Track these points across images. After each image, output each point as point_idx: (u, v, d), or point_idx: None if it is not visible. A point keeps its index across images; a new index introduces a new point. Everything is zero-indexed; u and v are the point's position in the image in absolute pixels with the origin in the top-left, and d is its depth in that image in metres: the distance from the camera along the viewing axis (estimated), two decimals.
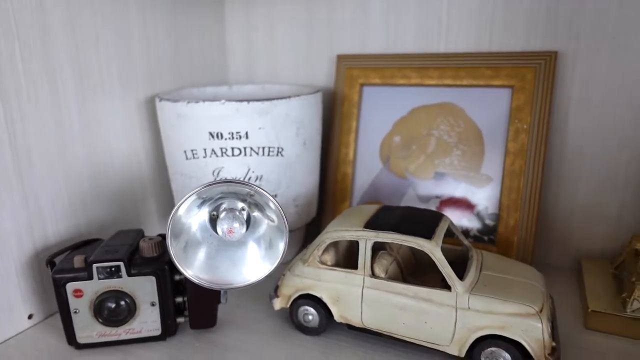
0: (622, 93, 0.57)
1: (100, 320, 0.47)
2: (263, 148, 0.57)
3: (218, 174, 0.57)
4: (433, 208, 0.64)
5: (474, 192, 0.62)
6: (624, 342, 0.48)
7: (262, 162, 0.57)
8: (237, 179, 0.55)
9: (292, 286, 0.50)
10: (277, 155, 0.58)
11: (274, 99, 0.56)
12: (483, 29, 0.62)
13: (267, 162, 0.57)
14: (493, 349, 0.42)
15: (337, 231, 0.48)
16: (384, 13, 0.68)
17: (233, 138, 0.56)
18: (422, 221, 0.48)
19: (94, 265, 0.46)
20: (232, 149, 0.56)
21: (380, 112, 0.68)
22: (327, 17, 0.71)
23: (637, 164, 0.58)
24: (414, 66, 0.65)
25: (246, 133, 0.56)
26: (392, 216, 0.49)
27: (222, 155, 0.56)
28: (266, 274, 0.42)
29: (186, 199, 0.41)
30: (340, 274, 0.48)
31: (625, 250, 0.57)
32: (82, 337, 0.47)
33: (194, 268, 0.42)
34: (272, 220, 0.43)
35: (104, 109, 0.59)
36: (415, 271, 0.53)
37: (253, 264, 0.43)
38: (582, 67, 0.58)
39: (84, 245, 0.52)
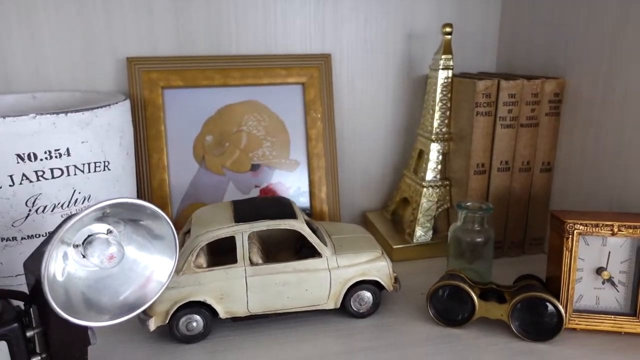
0: (376, 84, 0.76)
1: None
2: (88, 164, 0.50)
3: (34, 203, 0.48)
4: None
5: (287, 176, 0.71)
6: (417, 262, 0.67)
7: (88, 180, 0.51)
8: (72, 206, 0.48)
9: (169, 300, 0.48)
10: (104, 169, 0.52)
11: (94, 107, 0.50)
12: (269, 36, 0.71)
13: (95, 179, 0.51)
14: (358, 292, 0.53)
15: (209, 232, 0.49)
16: (172, 15, 0.68)
17: (51, 157, 0.47)
18: (279, 206, 0.54)
19: None
20: (51, 170, 0.48)
21: (187, 114, 0.68)
22: (106, 17, 0.66)
23: (392, 139, 0.79)
24: (216, 67, 0.68)
25: (67, 149, 0.48)
26: (251, 207, 0.53)
27: (38, 180, 0.47)
28: (175, 261, 0.40)
29: (47, 258, 0.35)
30: (221, 272, 0.49)
31: (394, 201, 0.78)
32: None
33: (104, 312, 0.37)
34: (141, 219, 0.41)
35: None
36: (269, 252, 0.59)
37: (154, 265, 0.40)
38: (346, 65, 0.75)
39: None
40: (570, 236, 0.49)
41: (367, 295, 0.53)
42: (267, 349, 0.49)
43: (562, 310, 0.48)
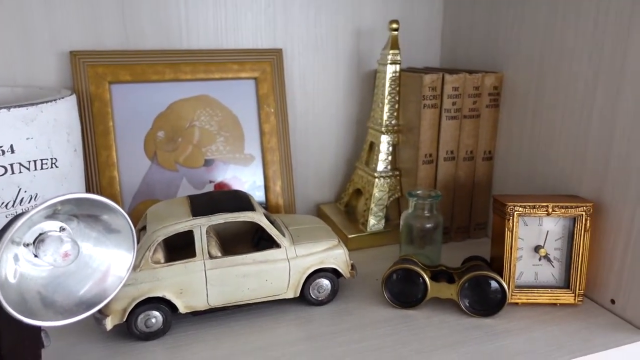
0: (327, 79, 0.78)
1: None
2: (34, 161, 0.48)
3: None
4: None
5: (241, 170, 0.72)
6: (371, 250, 0.70)
7: (35, 178, 0.49)
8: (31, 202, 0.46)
9: (127, 297, 0.47)
10: (52, 167, 0.50)
11: (38, 103, 0.48)
12: (219, 30, 0.71)
13: (41, 177, 0.49)
14: (317, 280, 0.54)
15: (166, 227, 0.49)
16: (119, 7, 0.66)
17: None
18: (237, 199, 0.54)
19: None
20: None
21: (137, 110, 0.67)
22: (46, 7, 0.63)
23: (343, 132, 0.81)
24: (166, 62, 0.67)
25: (11, 146, 0.46)
26: (208, 201, 0.53)
27: None
28: (134, 253, 0.40)
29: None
30: (179, 266, 0.49)
31: (347, 193, 0.80)
32: None
33: (62, 311, 0.36)
34: (95, 214, 0.40)
35: None
36: (225, 246, 0.59)
37: (111, 260, 0.39)
38: (298, 60, 0.76)
39: None
40: (511, 218, 0.53)
41: (326, 282, 0.55)
42: (229, 340, 0.49)
43: (506, 287, 0.52)
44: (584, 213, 0.52)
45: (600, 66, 0.53)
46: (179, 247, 0.52)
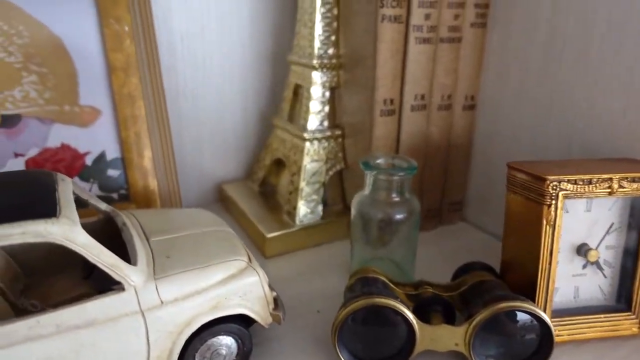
0: None
1: None
2: None
3: None
4: None
5: (78, 134, 0.42)
6: (302, 255, 0.44)
7: None
8: None
9: None
10: None
11: None
12: None
13: None
14: (208, 342, 0.28)
15: None
16: None
17: None
18: (22, 191, 0.25)
19: None
20: None
21: None
22: None
23: (253, 70, 0.53)
24: None
25: None
26: None
27: None
28: None
29: None
30: None
31: (262, 165, 0.53)
32: None
33: None
34: None
35: None
36: (30, 285, 0.30)
37: None
38: None
39: None
40: (554, 201, 0.30)
41: (227, 343, 0.29)
42: None
43: (549, 323, 0.29)
44: None
45: None
46: None
